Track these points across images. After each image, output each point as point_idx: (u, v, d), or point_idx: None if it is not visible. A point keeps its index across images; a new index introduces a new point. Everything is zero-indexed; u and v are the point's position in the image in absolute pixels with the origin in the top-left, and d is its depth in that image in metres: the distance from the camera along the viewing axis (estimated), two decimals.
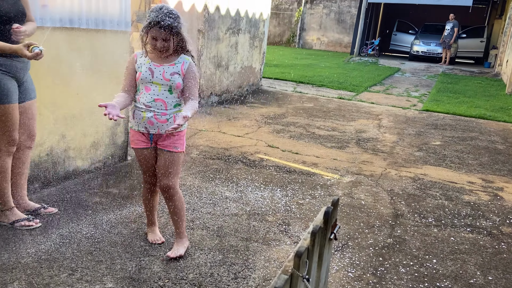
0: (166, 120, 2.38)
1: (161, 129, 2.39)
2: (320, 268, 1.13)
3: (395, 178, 4.23)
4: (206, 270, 2.48)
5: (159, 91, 2.35)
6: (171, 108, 2.39)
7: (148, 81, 2.35)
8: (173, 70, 2.36)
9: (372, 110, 7.50)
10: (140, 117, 2.37)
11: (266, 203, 3.43)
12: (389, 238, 3.02)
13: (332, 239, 1.16)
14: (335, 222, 1.22)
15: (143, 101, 2.36)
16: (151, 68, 2.35)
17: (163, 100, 2.36)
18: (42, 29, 3.06)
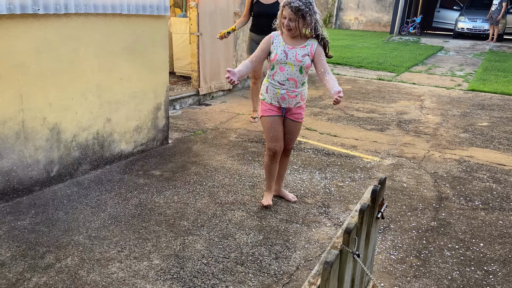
0: (295, 96, 2.78)
1: (291, 103, 2.80)
2: (367, 246, 1.12)
3: (439, 160, 4.09)
4: (248, 249, 2.52)
5: (291, 71, 2.70)
6: (300, 86, 2.77)
7: (283, 62, 2.68)
8: (304, 52, 2.67)
9: (413, 91, 7.24)
10: (274, 93, 2.77)
11: (305, 186, 3.43)
12: (433, 221, 2.95)
13: (379, 218, 1.15)
14: (382, 201, 1.21)
15: (277, 79, 2.73)
16: (286, 50, 2.67)
17: (294, 79, 2.72)
18: (87, 16, 3.15)
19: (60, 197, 3.02)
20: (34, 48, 2.86)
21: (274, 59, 2.70)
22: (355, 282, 1.01)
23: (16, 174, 2.92)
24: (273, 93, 2.78)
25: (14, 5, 2.67)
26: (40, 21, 2.87)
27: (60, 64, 3.04)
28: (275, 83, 2.76)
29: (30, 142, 2.96)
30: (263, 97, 2.84)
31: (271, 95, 2.79)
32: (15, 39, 2.75)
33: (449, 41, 14.93)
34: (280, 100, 2.79)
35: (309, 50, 2.69)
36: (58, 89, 3.06)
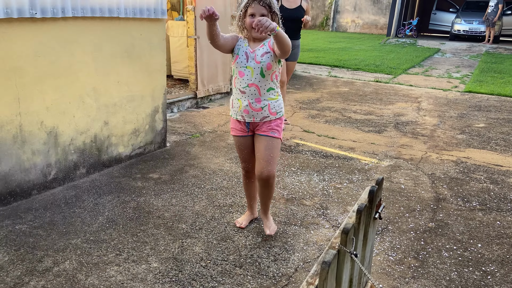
0: (260, 108, 2.39)
1: (256, 117, 2.42)
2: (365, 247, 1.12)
3: (436, 161, 4.11)
4: (246, 252, 2.52)
5: (252, 76, 2.35)
6: (265, 94, 2.39)
7: (243, 65, 2.37)
8: (263, 50, 2.35)
9: (410, 92, 7.26)
10: (237, 105, 2.45)
11: (303, 188, 3.43)
12: (431, 222, 2.96)
13: (376, 218, 1.16)
14: (379, 201, 1.21)
15: (238, 86, 2.40)
16: (247, 52, 2.36)
17: (256, 85, 2.36)
18: (84, 19, 3.16)
19: (58, 200, 3.02)
20: (31, 51, 2.86)
21: (234, 61, 2.40)
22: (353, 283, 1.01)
23: (14, 178, 2.91)
24: (237, 105, 2.45)
25: (12, 9, 2.67)
26: (37, 24, 2.87)
27: (57, 68, 3.04)
28: (236, 92, 2.43)
29: (27, 145, 2.95)
30: (230, 112, 2.54)
31: (235, 108, 2.46)
32: (13, 43, 2.75)
33: (445, 43, 15.00)
34: (243, 114, 2.43)
35: (268, 46, 2.36)
36: (55, 92, 3.06)
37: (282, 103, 2.48)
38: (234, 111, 2.48)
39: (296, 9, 4.61)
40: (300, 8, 4.62)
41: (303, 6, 4.65)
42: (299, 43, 4.87)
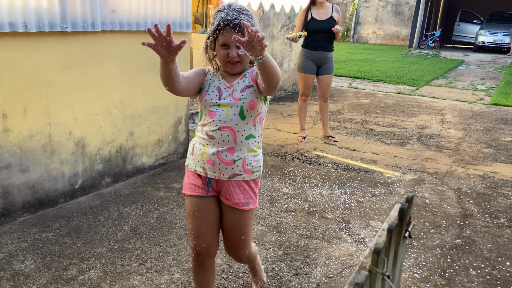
0: (231, 161, 1.72)
1: (223, 173, 1.73)
2: (395, 267, 1.11)
3: (462, 176, 4.01)
4: (268, 265, 2.51)
5: (226, 116, 1.69)
6: (242, 143, 1.72)
7: (213, 103, 1.71)
8: (244, 83, 1.72)
9: (434, 105, 7.15)
10: (200, 152, 1.76)
11: (324, 200, 3.41)
12: (458, 239, 2.88)
13: (406, 237, 1.14)
14: (409, 219, 1.20)
15: (206, 129, 1.73)
16: (220, 87, 1.74)
17: (231, 128, 1.70)
18: (112, 33, 3.25)
19: (84, 209, 3.08)
20: (61, 64, 2.96)
21: (202, 99, 1.74)
22: None
23: (42, 187, 2.99)
24: (199, 152, 1.76)
25: (43, 22, 2.78)
26: (67, 38, 2.97)
27: (86, 80, 3.13)
28: (202, 136, 1.76)
29: (56, 155, 3.03)
30: (187, 161, 1.85)
31: (196, 156, 1.77)
32: (44, 56, 2.85)
33: (469, 55, 14.75)
34: (206, 165, 1.74)
35: (250, 78, 1.73)
36: (84, 104, 3.14)
37: (262, 159, 1.82)
38: (194, 159, 1.78)
39: (328, 20, 4.57)
40: (332, 19, 4.57)
41: (334, 17, 4.59)
42: (332, 55, 4.76)
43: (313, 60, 4.70)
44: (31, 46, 2.76)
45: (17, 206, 2.86)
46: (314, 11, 4.62)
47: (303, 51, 4.74)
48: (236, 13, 1.62)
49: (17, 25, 2.63)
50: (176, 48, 1.47)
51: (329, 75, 4.80)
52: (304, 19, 4.64)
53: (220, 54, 1.68)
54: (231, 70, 1.72)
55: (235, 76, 1.75)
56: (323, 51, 4.66)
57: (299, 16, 4.73)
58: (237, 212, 1.79)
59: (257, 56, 1.42)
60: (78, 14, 2.95)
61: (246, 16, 1.64)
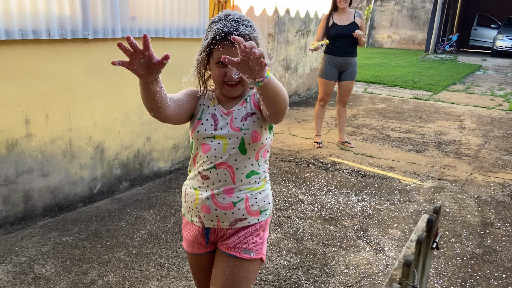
0: (231, 204, 1.40)
1: (223, 220, 1.42)
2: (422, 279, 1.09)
3: (482, 184, 3.94)
4: (285, 272, 2.50)
5: (223, 150, 1.38)
6: (243, 182, 1.40)
7: (208, 134, 1.40)
8: (246, 110, 1.41)
9: (452, 110, 7.05)
10: (191, 199, 1.45)
11: (341, 207, 3.38)
12: (478, 248, 2.82)
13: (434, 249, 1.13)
14: (436, 230, 1.18)
15: (199, 168, 1.42)
16: (216, 114, 1.42)
17: (229, 166, 1.39)
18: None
19: (102, 213, 3.11)
20: (82, 71, 3.01)
21: (193, 130, 1.42)
22: None
23: (61, 191, 3.04)
24: (191, 198, 1.45)
25: (66, 30, 2.83)
26: (88, 45, 3.02)
27: (105, 86, 3.17)
28: (194, 176, 1.45)
29: (76, 160, 3.08)
30: (182, 209, 1.54)
31: (189, 204, 1.47)
32: (66, 63, 2.90)
33: (487, 60, 14.52)
34: (201, 213, 1.43)
35: (252, 102, 1.42)
36: (103, 109, 3.19)
37: (271, 195, 1.50)
38: (187, 208, 1.49)
39: (350, 25, 4.53)
40: (354, 24, 4.53)
41: (357, 22, 4.55)
42: (355, 60, 4.70)
43: (335, 66, 4.66)
44: (53, 53, 2.82)
45: (38, 210, 2.91)
46: (335, 17, 4.59)
47: (325, 57, 4.71)
48: (235, 24, 1.32)
49: (41, 32, 2.68)
50: (158, 65, 1.15)
51: (351, 81, 4.76)
52: (326, 25, 4.62)
53: (215, 74, 1.37)
54: (229, 93, 1.39)
55: (234, 101, 1.43)
56: (346, 56, 4.62)
57: (321, 22, 4.71)
58: (233, 260, 1.41)
59: (256, 78, 1.11)
60: (99, 22, 3.00)
61: (247, 28, 1.33)
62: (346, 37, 4.53)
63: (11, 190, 2.73)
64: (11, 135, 2.68)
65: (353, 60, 4.67)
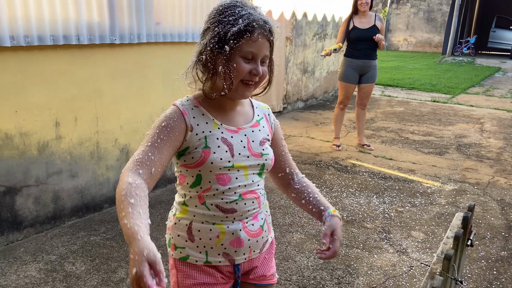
0: (260, 229, 1.23)
1: (255, 248, 1.24)
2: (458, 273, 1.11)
3: (505, 187, 3.89)
4: (309, 273, 2.52)
5: (246, 178, 1.19)
6: (263, 202, 1.26)
7: (226, 163, 1.15)
8: (261, 132, 1.24)
9: (472, 113, 6.97)
10: (211, 235, 1.18)
11: (363, 210, 3.38)
12: (503, 251, 2.80)
13: (468, 246, 1.14)
14: (470, 228, 1.19)
15: (215, 201, 1.17)
16: (227, 138, 1.17)
17: (256, 193, 1.21)
18: (157, 45, 3.38)
19: None
20: (109, 74, 3.10)
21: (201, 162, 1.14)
22: None
23: (88, 192, 3.12)
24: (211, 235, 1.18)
25: (94, 35, 2.92)
26: (115, 50, 3.11)
27: (131, 90, 3.25)
28: (211, 213, 1.17)
29: (102, 161, 3.16)
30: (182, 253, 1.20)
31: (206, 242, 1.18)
32: (94, 67, 2.99)
33: (506, 62, 14.30)
34: (229, 249, 1.19)
35: (267, 126, 1.28)
36: (128, 112, 3.27)
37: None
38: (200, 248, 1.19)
39: (370, 28, 4.54)
40: (375, 27, 4.54)
41: (377, 25, 4.56)
42: (376, 63, 4.72)
43: (355, 69, 4.67)
44: (82, 58, 2.91)
45: (66, 210, 3.00)
46: (356, 20, 4.60)
47: (345, 60, 4.72)
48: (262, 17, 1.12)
49: (71, 38, 2.77)
50: None
51: (371, 84, 4.76)
52: (346, 28, 4.64)
53: (238, 69, 1.10)
54: (244, 94, 1.15)
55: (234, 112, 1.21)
56: (366, 59, 4.63)
57: (342, 26, 4.73)
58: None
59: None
60: (125, 27, 3.08)
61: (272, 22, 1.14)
62: (367, 40, 4.54)
63: (42, 190, 2.82)
64: (42, 137, 2.77)
65: (373, 63, 4.67)
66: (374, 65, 4.70)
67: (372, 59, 4.65)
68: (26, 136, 2.68)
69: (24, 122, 2.66)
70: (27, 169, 2.72)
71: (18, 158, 2.67)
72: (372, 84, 4.77)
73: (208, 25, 1.13)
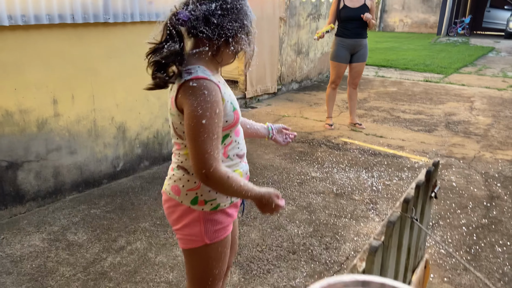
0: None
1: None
2: (422, 222, 1.23)
3: (490, 161, 4.04)
4: (299, 240, 2.66)
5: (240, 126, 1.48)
6: None
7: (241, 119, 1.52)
8: None
9: (463, 92, 7.08)
10: None
11: (352, 183, 3.52)
12: (484, 219, 2.95)
13: (432, 197, 1.26)
14: (435, 182, 1.31)
15: (235, 152, 1.41)
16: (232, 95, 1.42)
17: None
18: (150, 24, 3.44)
19: (126, 189, 3.31)
20: (104, 53, 3.17)
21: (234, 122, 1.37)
22: (411, 252, 1.12)
23: (87, 168, 3.23)
24: None
25: (88, 14, 2.99)
26: (109, 29, 3.17)
27: (126, 69, 3.33)
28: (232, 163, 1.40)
29: (100, 139, 3.27)
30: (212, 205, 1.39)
31: None
32: (89, 46, 3.07)
33: (500, 42, 14.34)
34: None
35: None
36: (124, 91, 3.36)
37: None
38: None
39: (361, 8, 4.58)
40: (365, 6, 4.58)
41: (368, 4, 4.59)
42: (366, 42, 4.77)
43: (347, 48, 4.75)
44: (77, 37, 2.98)
45: (66, 185, 3.11)
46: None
47: (336, 40, 4.78)
48: None
49: (66, 16, 2.84)
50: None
51: (362, 63, 4.84)
52: (337, 7, 4.69)
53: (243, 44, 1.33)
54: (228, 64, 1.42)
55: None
56: (357, 38, 4.69)
57: (332, 5, 4.78)
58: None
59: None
60: (119, 6, 3.15)
61: None
62: (357, 20, 4.60)
63: (42, 166, 2.93)
64: (41, 114, 2.87)
65: (364, 41, 4.74)
66: (365, 44, 4.77)
67: (363, 38, 4.72)
68: (25, 113, 2.78)
69: (23, 100, 2.75)
70: (28, 145, 2.82)
71: (19, 134, 2.77)
72: (363, 63, 4.85)
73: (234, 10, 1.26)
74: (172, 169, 1.44)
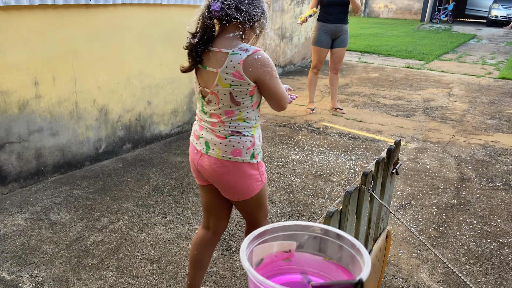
0: None
1: None
2: (383, 196, 1.33)
3: (464, 145, 4.20)
4: (277, 219, 2.77)
5: None
6: None
7: None
8: None
9: (442, 79, 7.25)
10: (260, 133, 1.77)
11: (330, 166, 3.63)
12: (454, 199, 3.10)
13: (394, 174, 1.35)
14: (397, 160, 1.41)
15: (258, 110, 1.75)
16: None
17: None
18: (132, 6, 3.44)
19: (109, 171, 3.35)
20: (85, 36, 3.17)
21: None
22: (371, 222, 1.21)
23: (69, 150, 3.26)
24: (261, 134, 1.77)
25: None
26: (90, 11, 3.17)
27: (108, 51, 3.34)
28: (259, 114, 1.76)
29: (82, 121, 3.29)
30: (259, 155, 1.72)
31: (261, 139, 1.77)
32: (70, 28, 3.06)
33: (482, 29, 14.58)
34: None
35: None
36: (106, 74, 3.37)
37: None
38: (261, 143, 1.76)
39: None
40: None
41: None
42: (347, 28, 4.83)
43: (328, 33, 4.80)
44: (58, 18, 2.97)
45: (48, 167, 3.14)
46: None
47: (318, 25, 4.83)
48: None
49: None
50: None
51: (343, 48, 4.91)
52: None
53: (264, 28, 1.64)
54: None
55: None
56: (339, 23, 4.75)
57: None
58: None
59: None
60: None
61: None
62: (339, 5, 4.65)
63: (24, 147, 2.95)
64: (22, 95, 2.87)
65: (345, 27, 4.81)
66: (346, 29, 4.84)
67: (344, 23, 4.78)
68: (6, 94, 2.78)
69: (4, 81, 2.75)
70: (9, 126, 2.83)
71: (0, 115, 2.77)
72: (344, 48, 4.92)
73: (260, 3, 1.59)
74: (222, 138, 1.64)
